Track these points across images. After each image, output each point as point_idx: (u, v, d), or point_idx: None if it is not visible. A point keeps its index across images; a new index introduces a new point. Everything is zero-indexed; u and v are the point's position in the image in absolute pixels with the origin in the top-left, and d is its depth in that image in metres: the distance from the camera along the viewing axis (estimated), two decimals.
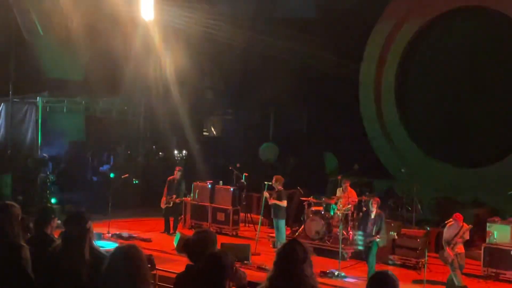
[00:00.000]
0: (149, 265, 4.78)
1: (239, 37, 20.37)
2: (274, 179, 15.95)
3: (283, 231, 15.14)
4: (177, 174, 16.57)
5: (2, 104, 20.79)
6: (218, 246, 6.82)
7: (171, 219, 16.97)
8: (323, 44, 19.76)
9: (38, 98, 20.12)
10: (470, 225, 12.95)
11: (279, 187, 15.79)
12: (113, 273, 4.52)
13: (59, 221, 6.67)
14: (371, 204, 13.86)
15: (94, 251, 5.65)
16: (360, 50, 21.43)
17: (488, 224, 14.09)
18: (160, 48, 20.31)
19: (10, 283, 5.66)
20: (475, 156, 19.66)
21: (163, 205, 16.29)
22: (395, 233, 14.67)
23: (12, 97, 21.10)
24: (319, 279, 6.09)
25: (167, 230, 16.34)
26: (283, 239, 14.56)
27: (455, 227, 12.73)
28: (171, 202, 16.24)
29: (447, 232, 12.85)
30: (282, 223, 15.20)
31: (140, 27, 19.78)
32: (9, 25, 20.96)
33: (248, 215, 18.57)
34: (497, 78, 19.72)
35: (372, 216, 13.49)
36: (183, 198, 16.59)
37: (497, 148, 19.43)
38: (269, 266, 5.16)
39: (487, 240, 13.89)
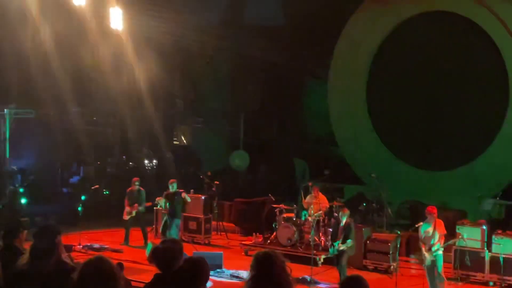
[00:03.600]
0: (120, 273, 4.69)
1: (208, 46, 20.38)
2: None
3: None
4: (134, 184, 16.36)
5: None
6: (190, 255, 6.78)
7: (139, 229, 16.79)
8: (292, 52, 19.83)
9: (5, 110, 19.91)
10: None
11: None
12: (85, 283, 4.30)
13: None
14: (341, 214, 13.87)
15: (62, 264, 5.60)
16: (328, 57, 21.49)
17: (457, 226, 14.14)
18: (130, 58, 20.20)
19: None
20: (443, 160, 19.76)
21: (125, 216, 16.08)
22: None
23: None
24: None
25: (126, 241, 16.11)
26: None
27: (430, 220, 12.63)
28: (133, 212, 16.01)
29: (421, 230, 12.74)
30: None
31: (110, 37, 19.61)
32: None
33: (220, 223, 18.47)
34: (464, 84, 19.82)
35: (342, 225, 13.52)
36: (145, 205, 16.40)
37: (464, 151, 19.52)
38: (243, 274, 5.12)
39: (457, 243, 13.86)
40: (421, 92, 20.15)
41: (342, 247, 13.24)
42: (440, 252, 12.51)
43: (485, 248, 13.82)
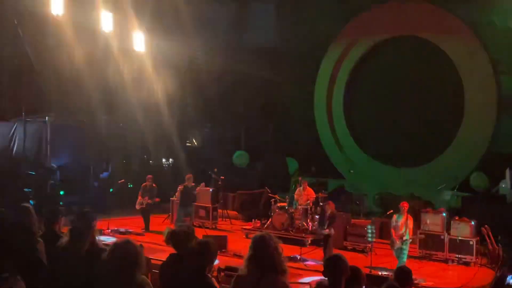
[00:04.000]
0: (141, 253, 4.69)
1: (215, 64, 20.06)
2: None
3: None
4: (148, 180, 16.10)
5: (16, 123, 20.23)
6: (200, 237, 6.71)
7: (157, 216, 16.67)
8: (284, 69, 19.58)
9: (46, 118, 19.65)
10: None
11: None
12: (113, 261, 4.41)
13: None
14: (326, 206, 13.63)
15: (96, 245, 5.53)
16: (314, 74, 21.21)
17: (422, 214, 14.02)
18: (149, 74, 19.88)
19: (30, 269, 5.54)
20: (410, 159, 19.53)
21: (137, 206, 15.87)
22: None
23: (25, 118, 20.57)
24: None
25: (146, 227, 15.87)
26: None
27: (401, 215, 12.49)
28: (144, 204, 15.78)
29: (393, 221, 12.58)
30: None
31: (133, 57, 19.34)
32: (20, 56, 20.53)
33: (225, 211, 18.26)
34: (427, 97, 19.51)
35: (327, 215, 13.34)
36: (155, 200, 16.09)
37: (427, 152, 19.34)
38: (244, 253, 5.10)
39: (422, 227, 13.79)
40: (391, 103, 19.87)
41: (327, 232, 13.11)
42: (408, 242, 12.37)
43: (445, 232, 13.63)
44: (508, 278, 9.63)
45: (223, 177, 17.93)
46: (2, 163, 19.30)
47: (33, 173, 18.45)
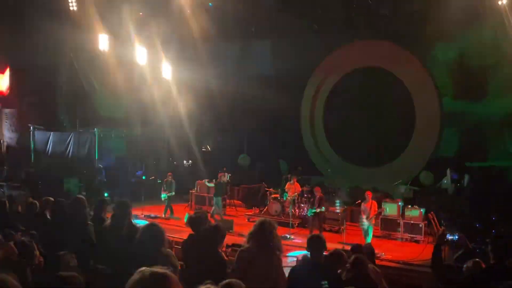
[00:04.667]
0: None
1: (225, 88, 19.79)
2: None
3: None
4: (168, 177, 15.81)
5: (72, 133, 20.11)
6: (213, 222, 6.60)
7: (179, 205, 16.50)
8: (278, 92, 19.27)
9: (95, 129, 19.53)
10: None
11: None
12: (145, 239, 4.41)
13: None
14: (315, 190, 13.54)
15: (132, 226, 5.50)
16: (301, 95, 20.92)
17: (382, 203, 13.82)
18: (174, 95, 19.67)
19: (83, 246, 5.54)
20: (374, 160, 19.16)
21: (162, 196, 15.59)
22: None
23: (78, 129, 20.64)
24: None
25: (171, 213, 15.59)
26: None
27: (367, 201, 12.39)
28: (166, 195, 15.51)
29: (362, 206, 12.52)
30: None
31: (162, 82, 19.24)
32: (75, 82, 20.48)
33: (232, 201, 17.97)
34: (387, 113, 19.11)
35: (317, 197, 13.20)
36: (173, 193, 15.80)
37: (387, 155, 18.94)
38: (245, 233, 5.01)
39: (382, 213, 13.62)
40: (359, 118, 19.48)
41: (318, 210, 13.02)
42: (372, 222, 12.34)
43: (400, 217, 13.46)
44: (447, 235, 9.92)
45: (229, 174, 17.58)
46: (62, 163, 19.04)
47: (84, 172, 18.30)
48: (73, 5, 17.35)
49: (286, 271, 4.96)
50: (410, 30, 17.24)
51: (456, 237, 10.69)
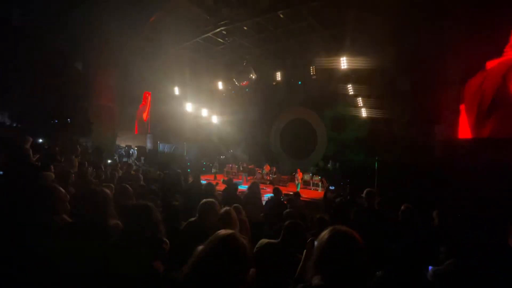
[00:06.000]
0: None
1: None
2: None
3: None
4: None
5: (175, 144, 24.09)
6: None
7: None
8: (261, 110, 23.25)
9: (184, 142, 23.17)
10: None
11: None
12: (207, 190, 5.59)
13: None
14: (273, 169, 18.30)
15: (202, 184, 7.49)
16: (274, 118, 24.93)
17: (303, 174, 18.56)
18: (198, 119, 23.25)
19: (179, 188, 7.42)
20: (300, 154, 23.21)
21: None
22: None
23: (182, 142, 24.37)
24: None
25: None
26: None
27: (297, 173, 17.64)
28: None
29: (295, 175, 17.14)
30: None
31: (188, 114, 22.97)
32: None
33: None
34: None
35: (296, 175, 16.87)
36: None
37: (308, 153, 23.11)
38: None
39: (303, 178, 18.33)
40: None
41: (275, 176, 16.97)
42: (300, 182, 17.64)
43: (311, 179, 18.43)
44: (330, 187, 14.75)
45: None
46: (171, 159, 21.72)
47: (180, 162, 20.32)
48: None
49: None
50: None
51: (333, 187, 16.17)
